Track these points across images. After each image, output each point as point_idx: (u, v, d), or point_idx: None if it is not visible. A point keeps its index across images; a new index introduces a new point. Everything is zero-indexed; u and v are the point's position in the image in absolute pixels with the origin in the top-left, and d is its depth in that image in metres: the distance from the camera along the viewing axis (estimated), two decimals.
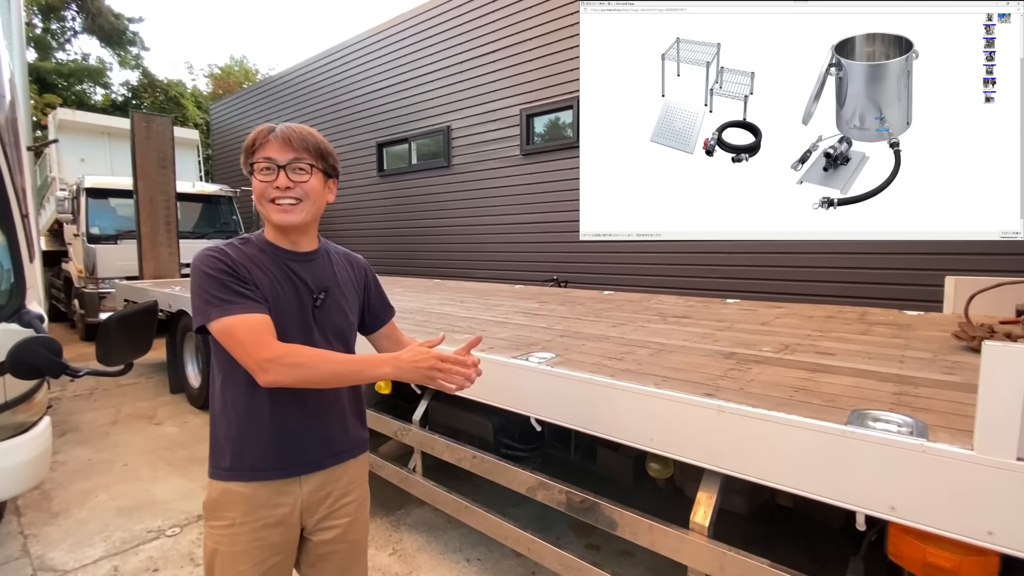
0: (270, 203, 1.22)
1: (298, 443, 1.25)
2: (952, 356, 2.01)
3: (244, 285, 1.16)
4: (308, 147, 1.23)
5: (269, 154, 1.20)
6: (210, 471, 1.26)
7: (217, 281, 1.15)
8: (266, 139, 1.21)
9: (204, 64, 41.93)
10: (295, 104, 10.68)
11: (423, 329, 2.70)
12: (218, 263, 1.17)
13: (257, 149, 1.22)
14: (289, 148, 1.21)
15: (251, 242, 1.27)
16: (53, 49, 20.49)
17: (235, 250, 1.22)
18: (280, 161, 1.20)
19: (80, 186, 7.70)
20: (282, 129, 1.22)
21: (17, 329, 1.95)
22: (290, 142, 1.21)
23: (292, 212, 1.23)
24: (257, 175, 1.21)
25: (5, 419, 2.14)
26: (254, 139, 1.23)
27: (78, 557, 2.55)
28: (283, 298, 1.22)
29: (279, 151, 1.20)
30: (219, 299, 1.13)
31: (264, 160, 1.20)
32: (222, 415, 1.24)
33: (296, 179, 1.21)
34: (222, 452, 1.24)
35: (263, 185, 1.21)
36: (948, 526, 1.09)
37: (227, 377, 1.23)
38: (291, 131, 1.22)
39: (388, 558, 2.52)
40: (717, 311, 3.31)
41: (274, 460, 1.23)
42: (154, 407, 4.89)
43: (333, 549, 1.33)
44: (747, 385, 1.60)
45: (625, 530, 1.66)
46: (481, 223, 7.41)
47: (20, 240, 1.99)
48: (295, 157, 1.21)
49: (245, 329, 1.11)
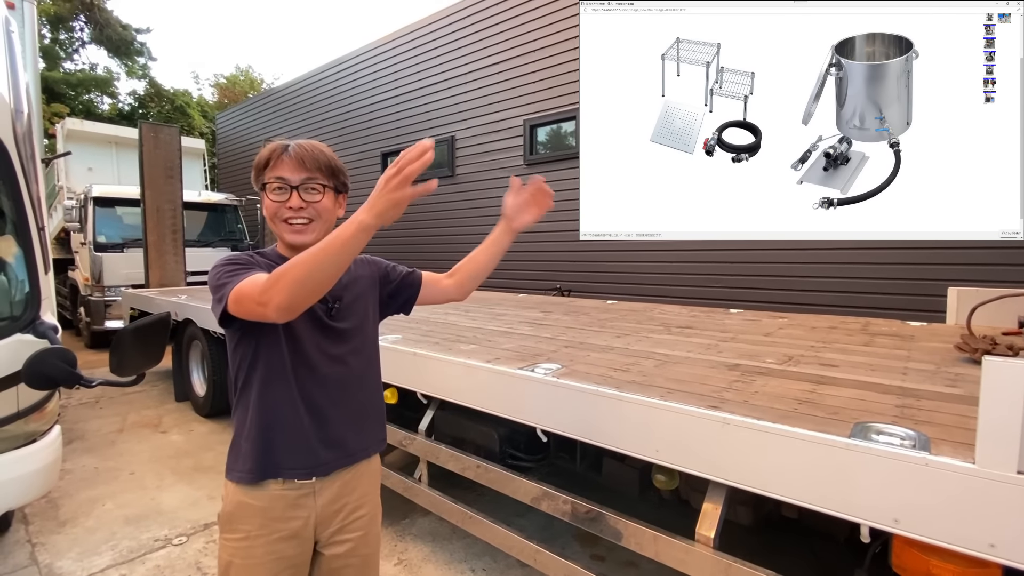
0: (283, 223, 1.24)
1: (315, 443, 1.26)
2: (955, 368, 2.02)
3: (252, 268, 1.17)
4: (320, 166, 1.25)
5: (282, 173, 1.22)
6: (228, 471, 1.28)
7: (231, 269, 1.17)
8: (279, 158, 1.23)
9: (210, 73, 42.38)
10: (301, 114, 10.79)
11: (428, 340, 2.72)
12: (234, 259, 1.21)
13: (270, 168, 1.23)
14: (302, 168, 1.23)
15: (266, 255, 1.30)
16: (61, 59, 20.75)
17: (251, 256, 1.26)
18: (293, 181, 1.22)
19: (88, 195, 7.78)
20: (295, 148, 1.24)
21: (32, 340, 1.99)
22: (303, 162, 1.22)
23: (304, 232, 1.25)
24: (269, 194, 1.23)
25: (17, 428, 2.17)
26: (268, 157, 1.24)
27: (85, 566, 2.56)
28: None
29: (291, 171, 1.22)
30: (230, 278, 1.14)
31: (277, 180, 1.22)
32: (241, 416, 1.26)
33: (308, 199, 1.23)
34: (240, 454, 1.26)
35: (276, 205, 1.23)
36: (951, 538, 1.11)
37: (247, 377, 1.25)
38: (303, 150, 1.24)
39: (394, 568, 2.53)
40: (720, 321, 3.33)
41: (293, 459, 1.24)
42: (159, 415, 4.92)
43: (346, 563, 1.34)
44: (751, 397, 1.62)
45: (631, 541, 1.67)
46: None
47: (36, 252, 2.03)
48: (308, 177, 1.23)
49: (248, 283, 1.10)
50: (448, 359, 2.26)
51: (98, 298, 7.55)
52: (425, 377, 2.36)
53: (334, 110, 9.98)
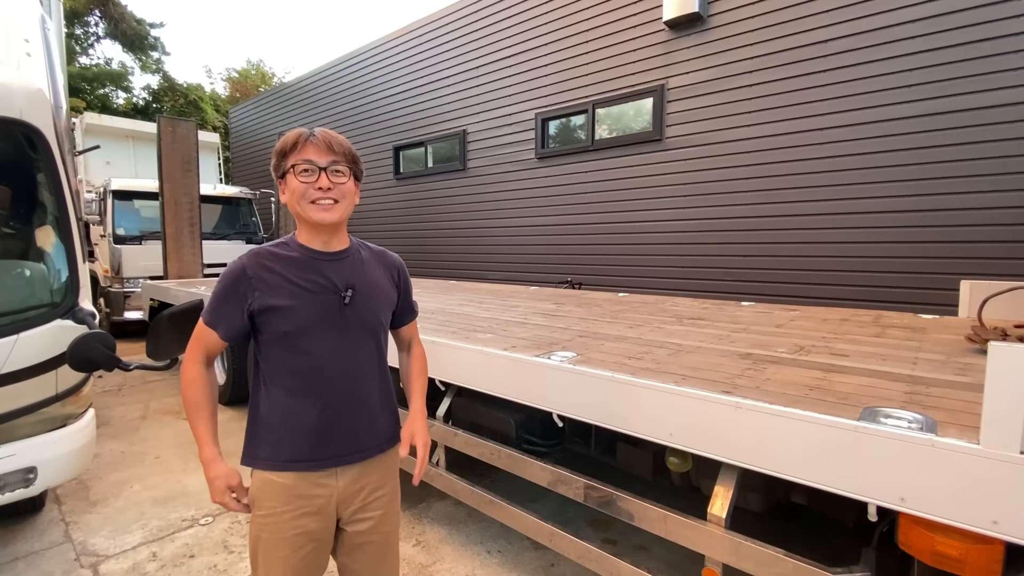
0: (310, 204, 1.29)
1: (328, 438, 1.32)
2: (965, 358, 2.06)
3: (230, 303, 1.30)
4: (345, 151, 1.32)
5: (309, 156, 1.28)
6: (244, 458, 1.36)
7: (221, 289, 1.31)
8: (307, 142, 1.29)
9: (222, 68, 42.65)
10: (313, 108, 10.88)
11: (446, 328, 2.79)
12: (232, 274, 1.31)
13: (297, 151, 1.29)
14: (330, 152, 1.29)
15: (286, 244, 1.36)
16: (77, 54, 21.00)
17: (262, 258, 1.32)
18: (321, 163, 1.28)
19: (107, 188, 7.93)
20: (321, 133, 1.31)
21: (72, 325, 2.08)
22: (331, 147, 1.30)
23: (332, 211, 1.31)
24: (297, 176, 1.28)
25: (55, 410, 2.28)
26: (294, 142, 1.29)
27: (118, 543, 2.68)
28: (306, 298, 1.30)
29: (319, 154, 1.29)
30: (211, 304, 1.33)
31: (305, 162, 1.28)
32: (260, 407, 1.34)
33: (336, 180, 1.30)
34: (259, 442, 1.33)
35: (304, 186, 1.28)
36: (955, 516, 1.16)
37: (259, 372, 1.33)
38: (330, 136, 1.31)
39: (412, 548, 2.61)
40: (732, 313, 3.36)
41: (307, 453, 1.31)
42: (180, 403, 5.05)
43: (367, 540, 1.42)
44: (763, 384, 1.67)
45: (643, 521, 1.73)
46: (496, 225, 7.50)
47: (76, 242, 2.13)
48: (334, 160, 1.30)
49: (195, 338, 1.35)
50: (466, 347, 2.33)
51: (117, 289, 7.72)
52: (443, 365, 2.43)
53: (346, 105, 10.05)
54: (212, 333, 1.32)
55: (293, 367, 1.31)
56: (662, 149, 5.70)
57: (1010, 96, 3.82)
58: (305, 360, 1.30)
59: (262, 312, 1.28)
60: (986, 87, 3.91)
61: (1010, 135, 3.84)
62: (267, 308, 1.27)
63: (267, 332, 1.30)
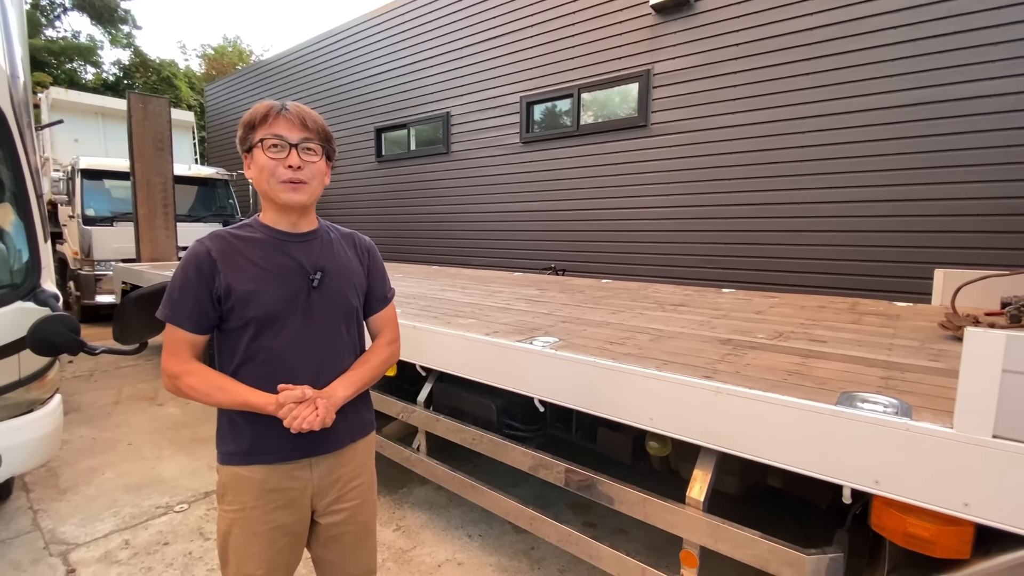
0: (279, 183, 1.20)
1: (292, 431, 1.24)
2: (938, 345, 2.10)
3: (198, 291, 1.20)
4: (318, 128, 1.24)
5: (280, 131, 1.19)
6: (218, 456, 1.30)
7: (180, 278, 1.21)
8: (277, 115, 1.20)
9: (197, 44, 41.17)
10: (292, 87, 10.58)
11: (427, 313, 2.76)
12: (194, 259, 1.20)
13: (267, 125, 1.19)
14: (303, 128, 1.21)
15: (249, 226, 1.28)
16: (43, 26, 20.07)
17: (225, 241, 1.23)
18: (292, 140, 1.19)
19: (75, 167, 7.63)
20: (293, 107, 1.22)
21: (34, 307, 1.99)
22: (304, 122, 1.21)
23: (301, 191, 1.22)
24: (266, 151, 1.19)
25: (19, 395, 2.19)
26: (264, 114, 1.20)
27: (89, 531, 2.61)
28: (273, 283, 1.23)
29: (291, 129, 1.20)
30: (170, 298, 1.22)
31: (274, 136, 1.18)
32: None
33: (307, 159, 1.22)
34: (226, 437, 1.28)
35: (273, 162, 1.19)
36: (927, 498, 1.18)
37: (225, 363, 1.26)
38: (302, 111, 1.23)
39: (392, 534, 2.60)
40: (713, 300, 3.39)
41: (275, 445, 1.25)
42: (155, 388, 4.94)
43: (343, 531, 1.38)
44: (743, 369, 1.68)
45: (623, 504, 1.74)
46: (480, 210, 7.43)
47: (36, 220, 2.03)
48: (306, 137, 1.21)
49: (169, 342, 1.23)
50: (447, 332, 2.30)
51: (88, 272, 7.47)
52: (424, 350, 2.40)
53: (327, 84, 9.80)
54: (180, 332, 1.20)
55: (259, 355, 1.23)
56: (647, 135, 5.68)
57: (986, 88, 3.88)
58: (272, 347, 1.23)
59: (228, 297, 1.20)
60: (963, 79, 3.96)
61: (986, 127, 3.91)
62: (232, 292, 1.20)
63: (232, 319, 1.22)
